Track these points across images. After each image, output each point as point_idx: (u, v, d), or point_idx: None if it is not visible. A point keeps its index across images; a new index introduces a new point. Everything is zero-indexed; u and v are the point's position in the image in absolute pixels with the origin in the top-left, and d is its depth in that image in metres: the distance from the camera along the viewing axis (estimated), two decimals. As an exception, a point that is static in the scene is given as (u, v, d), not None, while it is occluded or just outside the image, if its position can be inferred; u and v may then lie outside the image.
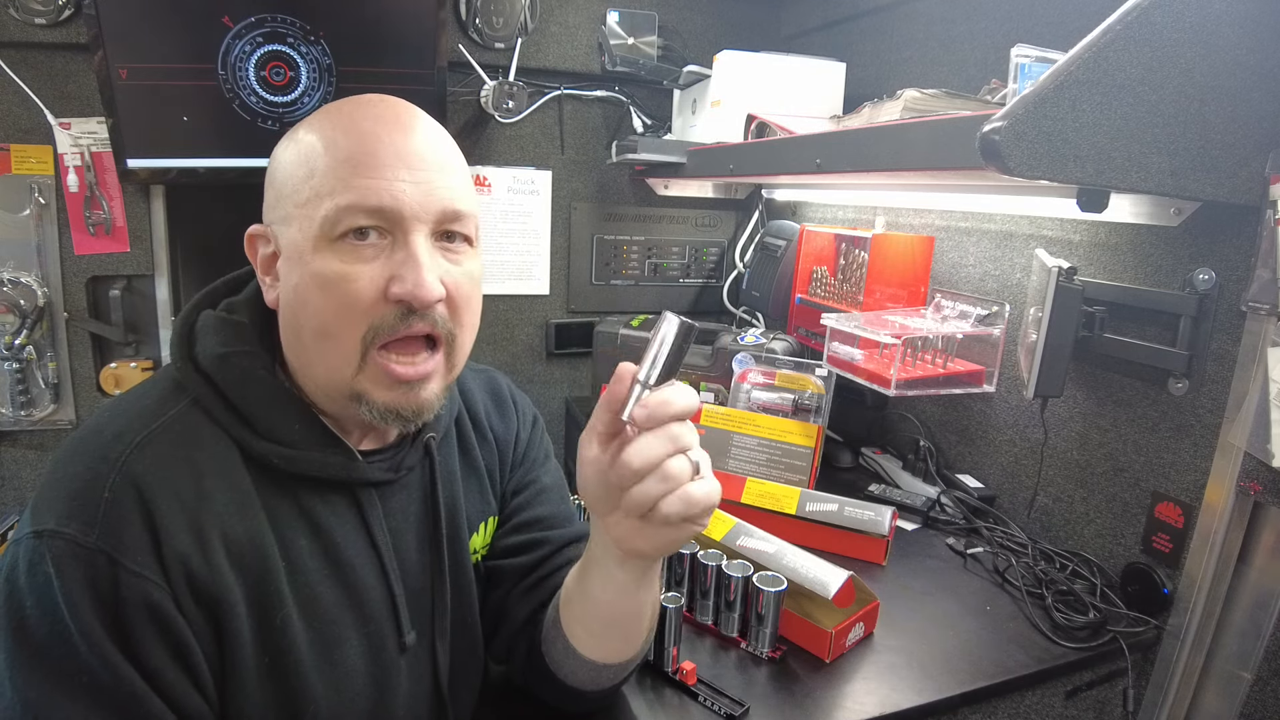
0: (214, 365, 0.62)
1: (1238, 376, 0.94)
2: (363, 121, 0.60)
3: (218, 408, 0.61)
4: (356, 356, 0.60)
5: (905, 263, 1.44)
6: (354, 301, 0.58)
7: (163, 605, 0.55)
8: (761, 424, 1.43)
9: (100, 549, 0.53)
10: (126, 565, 0.53)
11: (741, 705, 0.83)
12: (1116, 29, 0.74)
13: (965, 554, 1.20)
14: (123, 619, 0.53)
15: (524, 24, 1.80)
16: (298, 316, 0.61)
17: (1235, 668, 0.98)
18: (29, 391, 1.67)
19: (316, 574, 0.63)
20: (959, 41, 1.45)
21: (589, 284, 2.10)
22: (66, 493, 0.55)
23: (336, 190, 0.58)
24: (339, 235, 0.58)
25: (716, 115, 1.67)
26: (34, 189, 1.62)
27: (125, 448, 0.57)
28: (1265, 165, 0.87)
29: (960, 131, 0.82)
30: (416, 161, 0.60)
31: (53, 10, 1.52)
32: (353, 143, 0.59)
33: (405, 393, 0.62)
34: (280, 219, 0.61)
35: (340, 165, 0.58)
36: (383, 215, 0.59)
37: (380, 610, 0.67)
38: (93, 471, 0.56)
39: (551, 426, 2.14)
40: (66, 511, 0.54)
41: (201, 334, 0.63)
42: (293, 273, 0.60)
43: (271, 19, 1.56)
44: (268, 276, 0.64)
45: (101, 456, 0.56)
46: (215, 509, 0.58)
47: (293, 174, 0.60)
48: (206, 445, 0.60)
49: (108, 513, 0.54)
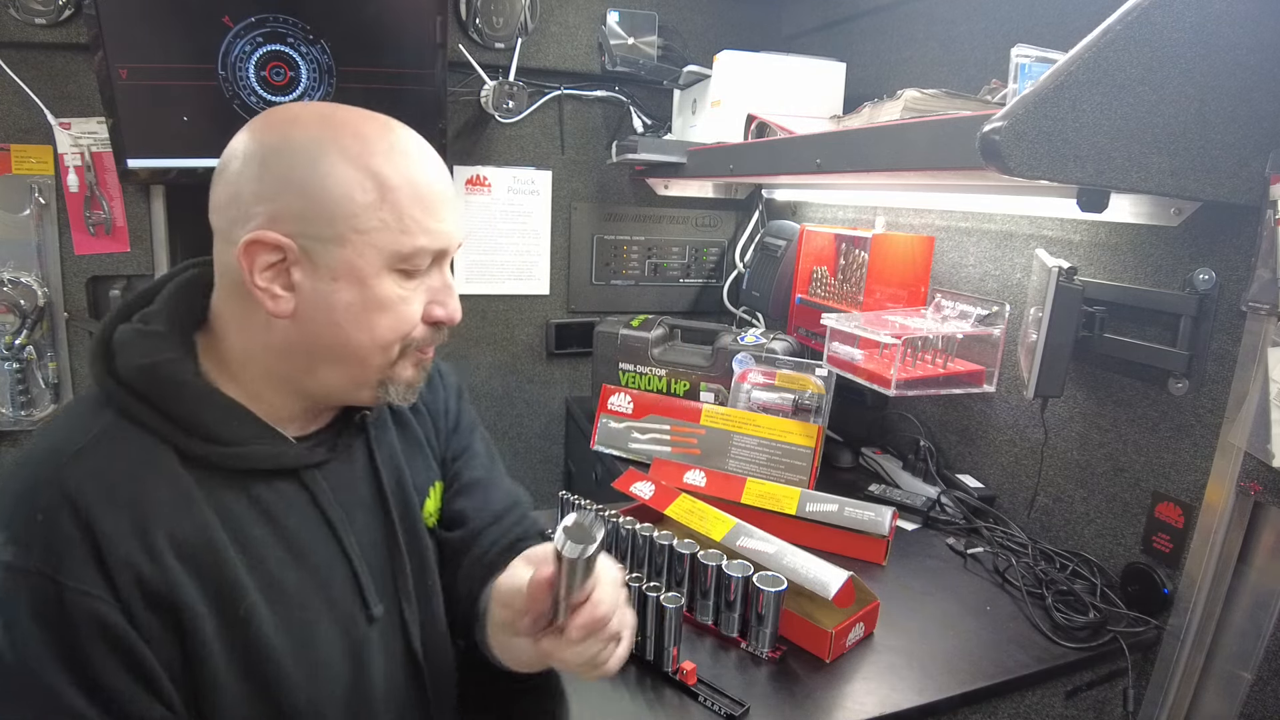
0: (138, 375, 0.62)
1: (1238, 376, 0.94)
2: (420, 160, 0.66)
3: (148, 416, 0.61)
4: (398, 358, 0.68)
5: (905, 263, 1.44)
6: (408, 321, 0.67)
7: (112, 621, 0.54)
8: (761, 424, 1.43)
9: (40, 571, 0.53)
10: (69, 585, 0.53)
11: (741, 705, 0.83)
12: (1116, 29, 0.74)
13: (965, 554, 1.20)
14: (73, 642, 0.53)
15: (524, 24, 1.80)
16: (345, 328, 0.64)
17: (1235, 668, 0.98)
18: (29, 391, 1.67)
19: (276, 561, 0.64)
20: (959, 41, 1.45)
21: (589, 284, 2.11)
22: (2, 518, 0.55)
23: (413, 230, 0.64)
24: (404, 269, 0.65)
25: (716, 115, 1.67)
26: (34, 189, 1.63)
27: (55, 464, 0.57)
28: (1265, 165, 0.87)
29: (960, 131, 0.82)
30: (453, 200, 0.69)
31: (53, 10, 1.52)
32: (420, 183, 0.64)
33: (421, 370, 0.72)
34: (324, 237, 0.62)
35: (414, 205, 0.64)
36: (439, 254, 0.68)
37: (345, 587, 0.69)
38: (25, 491, 0.56)
39: (552, 426, 2.15)
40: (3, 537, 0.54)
41: (121, 348, 0.63)
42: (344, 292, 0.63)
43: (272, 19, 1.56)
44: (275, 286, 0.62)
45: (32, 476, 0.57)
46: (158, 511, 0.58)
47: (353, 198, 0.61)
48: (140, 452, 0.60)
49: (44, 532, 0.54)
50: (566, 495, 1.13)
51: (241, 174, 0.61)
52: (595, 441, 1.58)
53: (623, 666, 0.71)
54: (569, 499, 1.12)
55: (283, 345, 0.65)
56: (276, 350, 0.65)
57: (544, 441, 2.17)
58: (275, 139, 0.62)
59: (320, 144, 0.61)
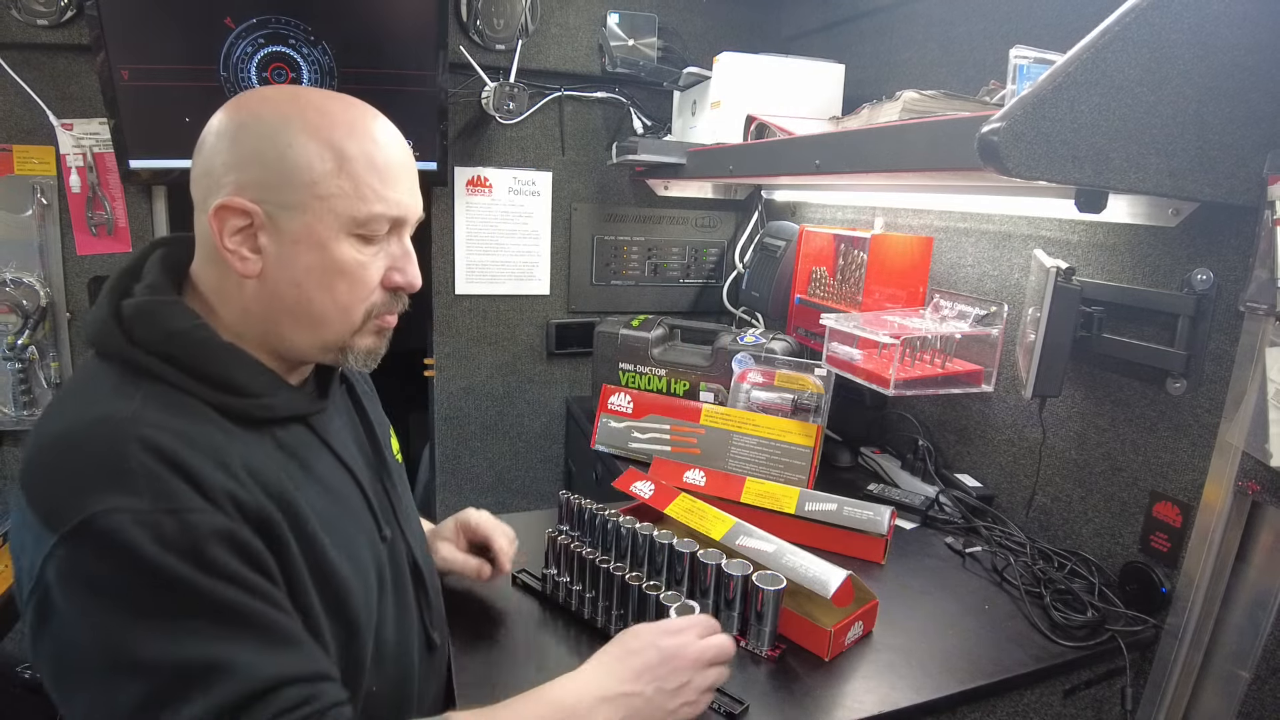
0: (169, 341, 0.66)
1: (1236, 376, 0.94)
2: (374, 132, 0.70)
3: (177, 377, 0.65)
4: (359, 324, 0.72)
5: (904, 263, 1.44)
6: (367, 285, 0.71)
7: (229, 528, 0.59)
8: (761, 424, 1.44)
9: (154, 510, 0.56)
10: (185, 510, 0.57)
11: (741, 703, 0.83)
12: (1115, 30, 0.75)
13: (964, 553, 1.21)
14: (204, 550, 0.57)
15: (524, 26, 1.80)
16: (307, 290, 0.69)
17: (1233, 666, 0.98)
18: (31, 391, 1.68)
19: (313, 491, 0.70)
20: (957, 43, 1.46)
21: (589, 284, 2.11)
22: (88, 481, 0.57)
23: (369, 197, 0.68)
24: (361, 234, 0.69)
25: (716, 116, 1.67)
26: (36, 189, 1.63)
27: (123, 422, 0.60)
28: (1263, 166, 0.87)
29: (959, 132, 0.82)
30: (411, 173, 0.73)
31: (55, 11, 1.52)
32: (377, 154, 0.69)
33: (381, 339, 0.76)
34: (287, 204, 0.66)
35: (370, 173, 0.68)
36: (396, 221, 0.72)
37: (362, 512, 0.77)
38: (105, 451, 0.58)
39: (552, 426, 2.16)
40: (101, 494, 0.56)
41: (140, 318, 0.66)
42: (304, 255, 0.68)
43: (273, 21, 1.56)
44: (244, 249, 0.67)
45: (106, 437, 0.59)
46: (226, 446, 0.63)
47: (310, 165, 0.66)
48: (185, 406, 0.64)
49: (145, 480, 0.57)
50: (566, 495, 1.13)
51: (215, 147, 0.67)
52: (595, 441, 1.58)
53: None
54: (569, 498, 1.12)
55: (253, 306, 0.70)
56: (249, 312, 0.70)
57: (544, 441, 2.17)
58: (245, 115, 0.67)
59: (285, 119, 0.67)
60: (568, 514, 1.11)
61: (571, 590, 1.00)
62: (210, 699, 0.54)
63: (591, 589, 0.98)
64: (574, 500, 1.11)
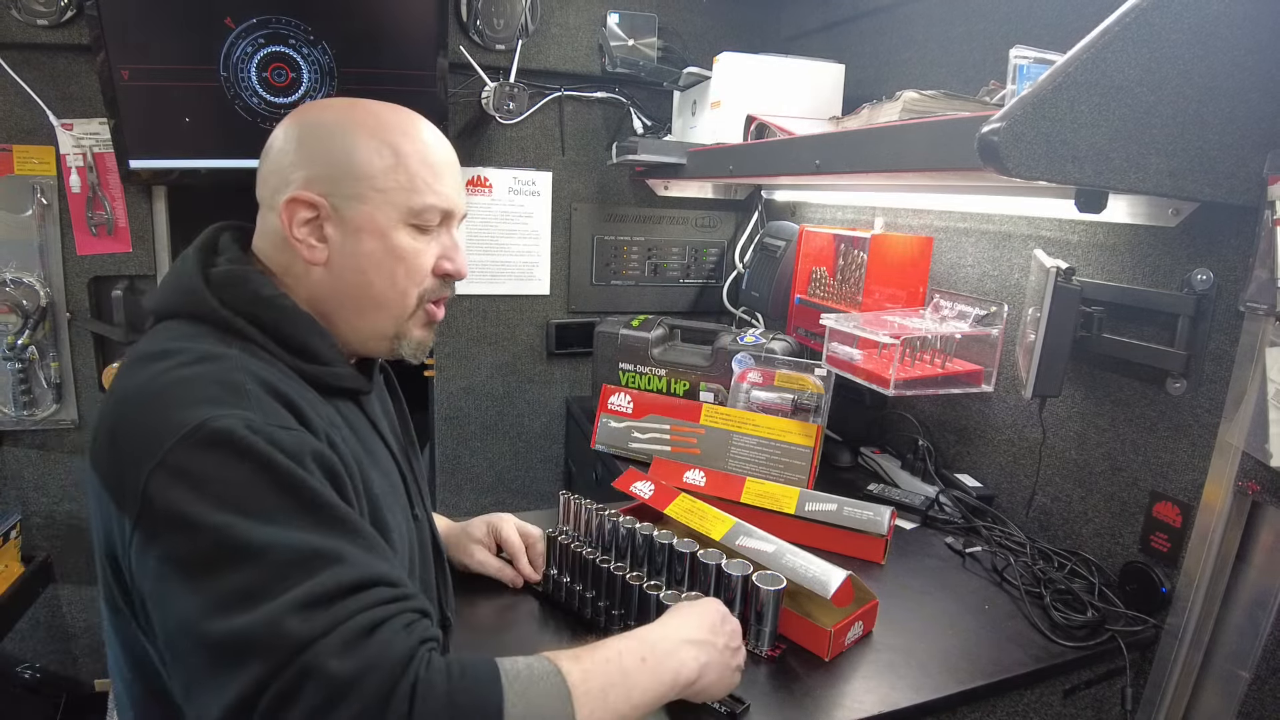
0: (258, 304, 0.71)
1: (1236, 376, 0.94)
2: (428, 134, 0.79)
3: (264, 340, 0.71)
4: (413, 308, 0.79)
5: (904, 263, 1.44)
6: (421, 271, 0.78)
7: (326, 453, 0.64)
8: (761, 424, 1.44)
9: (265, 423, 0.60)
10: (288, 428, 0.62)
11: (742, 703, 0.83)
12: (1115, 30, 0.75)
13: (964, 553, 1.21)
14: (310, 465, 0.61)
15: (524, 26, 1.80)
16: (368, 275, 0.76)
17: (1233, 666, 0.98)
18: (31, 391, 1.68)
19: (364, 459, 0.75)
20: (957, 43, 1.46)
21: (589, 284, 2.11)
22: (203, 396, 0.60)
23: (424, 191, 0.76)
24: (417, 224, 0.76)
25: (716, 116, 1.67)
26: (36, 189, 1.63)
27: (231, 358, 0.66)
28: (1263, 166, 0.87)
29: (959, 132, 0.82)
30: (459, 172, 0.82)
31: (55, 11, 1.52)
32: (431, 153, 0.77)
33: (430, 332, 0.83)
34: (350, 196, 0.73)
35: (425, 169, 0.76)
36: (445, 213, 0.79)
37: (400, 490, 0.83)
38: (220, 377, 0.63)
39: (552, 426, 2.16)
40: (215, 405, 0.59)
41: (229, 285, 0.72)
42: (367, 243, 0.74)
43: (273, 21, 1.56)
44: (312, 238, 0.74)
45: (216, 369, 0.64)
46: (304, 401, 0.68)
47: (370, 161, 0.74)
48: (274, 366, 0.70)
49: (255, 400, 0.62)
50: (567, 494, 1.13)
51: (283, 149, 0.75)
52: (595, 441, 1.58)
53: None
54: (569, 498, 1.12)
55: (319, 292, 0.76)
56: (314, 299, 0.76)
57: (544, 441, 2.17)
58: (310, 120, 0.76)
59: (346, 122, 0.75)
60: (568, 514, 1.11)
61: (572, 590, 1.00)
62: (313, 581, 0.55)
63: (592, 589, 0.98)
64: (574, 500, 1.11)
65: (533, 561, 1.07)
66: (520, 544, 1.07)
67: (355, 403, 0.80)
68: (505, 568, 1.06)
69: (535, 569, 1.06)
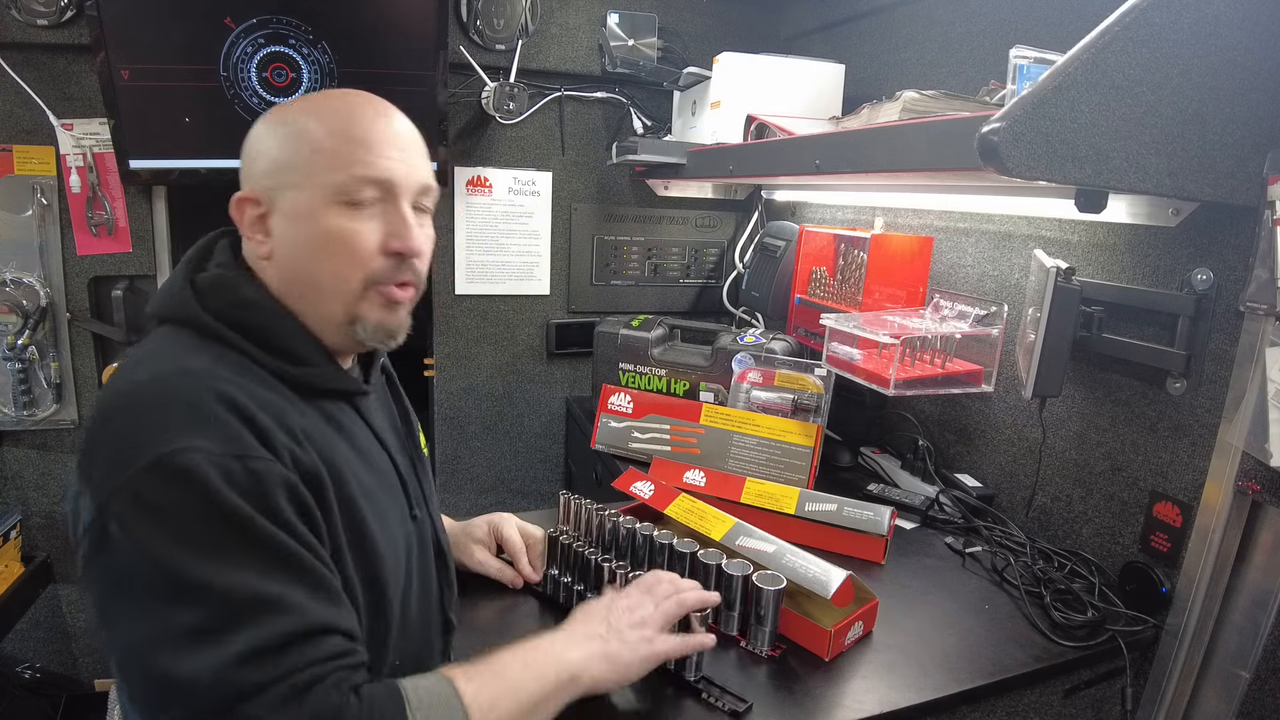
0: (240, 312, 0.71)
1: (1236, 376, 0.94)
2: (357, 110, 0.74)
3: (247, 346, 0.70)
4: (360, 291, 0.74)
5: (904, 263, 1.44)
6: (360, 251, 0.73)
7: (291, 479, 0.64)
8: (761, 424, 1.44)
9: (226, 454, 0.60)
10: (252, 457, 0.62)
11: (745, 702, 0.83)
12: (1115, 30, 0.75)
13: (964, 553, 1.21)
14: (267, 496, 0.61)
15: (525, 26, 1.80)
16: (304, 264, 0.73)
17: (1233, 666, 0.98)
18: (31, 391, 1.68)
19: (356, 462, 0.75)
20: (957, 43, 1.46)
21: (589, 284, 2.11)
22: (168, 420, 0.61)
23: (347, 164, 0.71)
24: (345, 201, 0.72)
25: (716, 116, 1.67)
26: (36, 190, 1.63)
27: (201, 374, 0.65)
28: (1263, 165, 0.87)
29: (959, 132, 0.82)
30: (403, 143, 0.75)
31: (55, 11, 1.52)
32: (355, 127, 0.73)
33: (393, 313, 0.77)
34: (282, 185, 0.72)
35: (347, 144, 0.72)
36: (381, 185, 0.73)
37: (397, 490, 0.82)
38: (186, 397, 0.63)
39: (552, 426, 2.16)
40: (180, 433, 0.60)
41: (213, 290, 0.72)
42: (299, 228, 0.72)
43: (273, 21, 1.56)
44: (258, 234, 0.74)
45: (185, 386, 0.64)
46: (284, 409, 0.68)
47: (294, 149, 0.72)
48: (253, 372, 0.70)
49: (220, 427, 0.62)
50: (566, 495, 1.13)
51: (242, 154, 0.76)
52: (595, 441, 1.58)
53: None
54: (569, 498, 1.12)
55: (276, 285, 0.75)
56: (277, 293, 0.75)
57: (544, 441, 2.17)
58: (261, 120, 0.76)
59: (284, 115, 0.74)
60: (568, 514, 1.11)
61: (573, 590, 1.00)
62: (260, 631, 0.57)
63: (594, 589, 0.98)
64: (574, 500, 1.11)
65: (532, 562, 1.07)
66: (521, 544, 1.07)
67: (350, 403, 0.79)
68: (505, 568, 1.05)
69: (535, 569, 1.06)
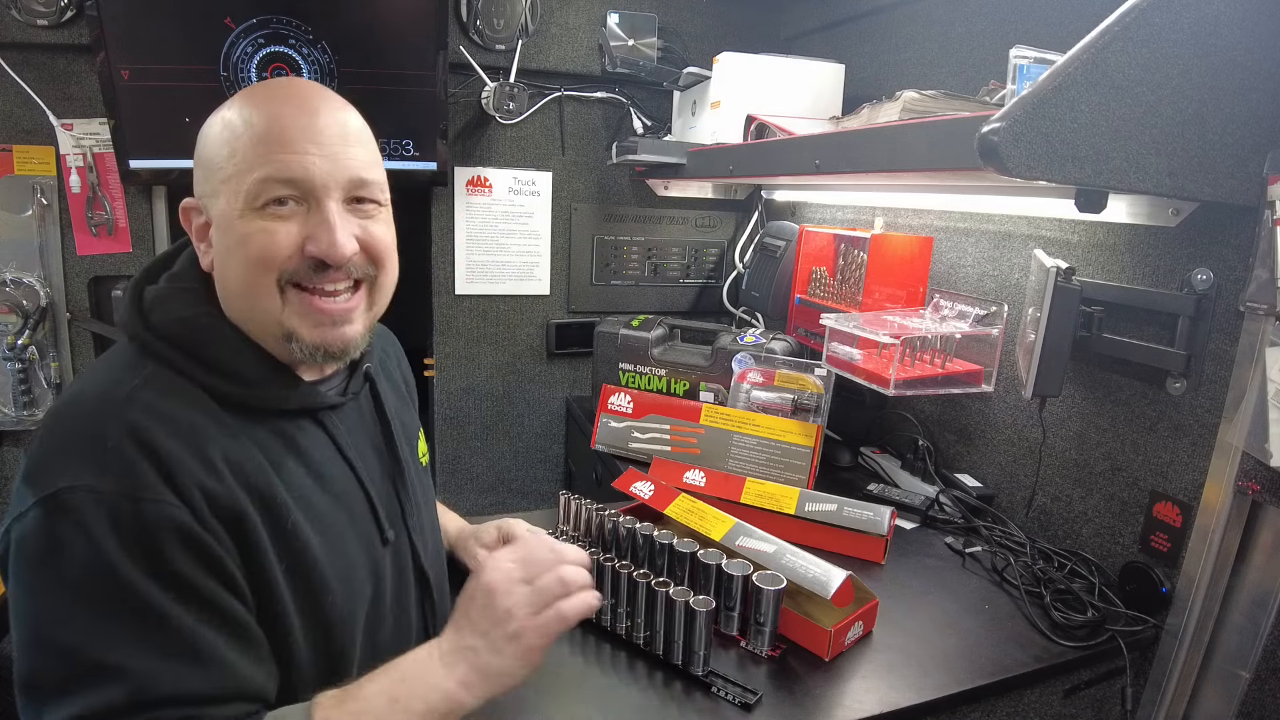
0: (178, 328, 0.68)
1: (1236, 376, 0.94)
2: (274, 104, 0.68)
3: (184, 363, 0.67)
4: (277, 295, 0.68)
5: (904, 263, 1.44)
6: (271, 253, 0.67)
7: (188, 524, 0.59)
8: (761, 424, 1.44)
9: (117, 492, 0.58)
10: (146, 498, 0.58)
11: (755, 694, 0.84)
12: (1115, 30, 0.75)
13: (964, 553, 1.21)
14: (153, 543, 0.58)
15: (524, 26, 1.80)
16: (230, 272, 0.68)
17: (1233, 666, 0.98)
18: (31, 391, 1.68)
19: (307, 486, 0.71)
20: (957, 43, 1.46)
21: (589, 284, 2.11)
22: (69, 453, 0.59)
23: (256, 166, 0.66)
24: (261, 205, 0.67)
25: (716, 116, 1.67)
26: (36, 190, 1.63)
27: (115, 402, 0.62)
28: (1263, 165, 0.87)
29: (959, 132, 0.82)
30: (323, 138, 0.68)
31: (55, 11, 1.52)
32: (267, 123, 0.67)
33: (330, 329, 0.70)
34: (210, 193, 0.69)
35: (257, 143, 0.66)
36: (296, 185, 0.67)
37: (363, 512, 0.76)
38: (91, 427, 0.60)
39: (552, 426, 2.16)
40: (75, 469, 0.58)
41: (156, 305, 0.70)
42: (223, 238, 0.68)
43: (274, 21, 1.56)
44: (202, 244, 0.71)
45: (94, 414, 0.62)
46: (210, 437, 0.64)
47: (217, 153, 0.68)
48: (184, 394, 0.66)
49: (116, 460, 0.59)
50: (566, 495, 1.13)
51: None
52: (595, 441, 1.58)
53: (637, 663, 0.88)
54: (569, 498, 1.12)
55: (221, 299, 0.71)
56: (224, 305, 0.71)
57: (544, 441, 2.17)
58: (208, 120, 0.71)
59: (221, 112, 0.70)
60: (568, 514, 1.11)
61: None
62: (89, 700, 0.55)
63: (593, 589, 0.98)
64: (574, 500, 1.11)
65: None
66: None
67: (313, 419, 0.74)
68: None
69: None
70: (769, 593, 0.91)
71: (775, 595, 0.92)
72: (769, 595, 0.91)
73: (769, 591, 0.91)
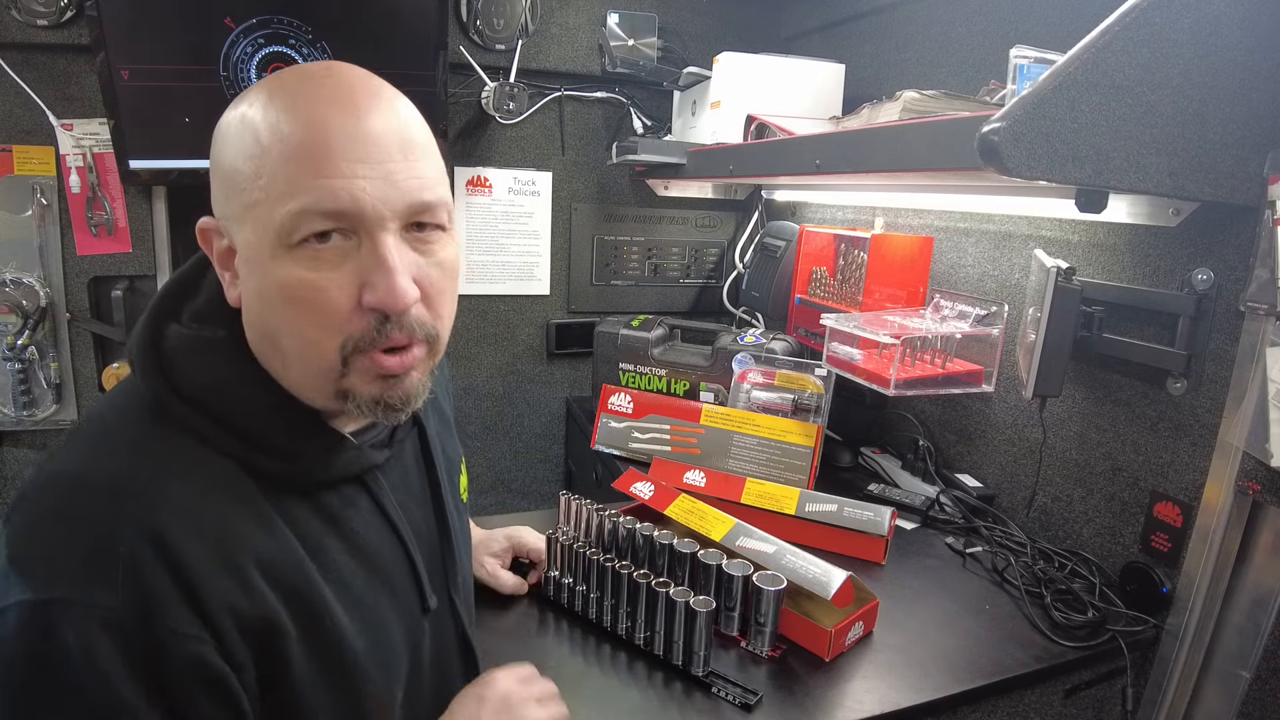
0: (208, 395, 0.56)
1: (1236, 376, 0.94)
2: (310, 105, 0.53)
3: (214, 434, 0.56)
4: (339, 365, 0.56)
5: (904, 263, 1.44)
6: (329, 314, 0.54)
7: (209, 661, 0.50)
8: (761, 424, 1.44)
9: (131, 611, 0.48)
10: (166, 627, 0.49)
11: (755, 694, 0.84)
12: (1115, 30, 0.75)
13: (964, 553, 1.21)
14: (167, 684, 0.49)
15: (524, 26, 1.80)
16: (267, 323, 0.56)
17: (1234, 666, 0.98)
18: (31, 392, 1.68)
19: (347, 568, 0.61)
20: (957, 43, 1.46)
21: (589, 284, 2.11)
22: (70, 553, 0.49)
23: (289, 193, 0.52)
24: (298, 242, 0.53)
25: (716, 116, 1.67)
26: (36, 190, 1.63)
27: (128, 495, 0.51)
28: (1263, 165, 0.87)
29: (959, 132, 0.82)
30: (376, 151, 0.53)
31: (54, 11, 1.52)
32: (302, 133, 0.52)
33: (392, 385, 0.58)
34: (232, 216, 0.55)
35: (291, 162, 0.52)
36: (343, 218, 0.53)
37: (405, 582, 0.68)
38: (101, 525, 0.49)
39: (552, 426, 2.16)
40: (77, 576, 0.48)
41: (180, 357, 0.57)
42: (253, 277, 0.55)
43: (274, 21, 1.56)
44: (227, 272, 0.58)
45: (105, 509, 0.50)
46: (242, 537, 0.54)
47: (239, 168, 0.53)
48: (213, 475, 0.55)
49: (131, 571, 0.48)
50: (566, 495, 1.13)
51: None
52: (595, 441, 1.58)
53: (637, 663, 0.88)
54: (569, 498, 1.12)
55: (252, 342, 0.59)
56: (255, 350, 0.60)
57: (544, 441, 2.17)
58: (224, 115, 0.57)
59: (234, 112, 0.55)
60: (568, 514, 1.11)
61: (574, 591, 1.00)
62: None
63: (596, 589, 0.98)
64: (574, 501, 1.11)
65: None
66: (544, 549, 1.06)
67: (358, 481, 0.64)
68: (521, 584, 1.05)
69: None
70: (769, 593, 0.91)
71: (775, 596, 0.91)
72: (769, 595, 0.91)
73: (769, 592, 0.91)
